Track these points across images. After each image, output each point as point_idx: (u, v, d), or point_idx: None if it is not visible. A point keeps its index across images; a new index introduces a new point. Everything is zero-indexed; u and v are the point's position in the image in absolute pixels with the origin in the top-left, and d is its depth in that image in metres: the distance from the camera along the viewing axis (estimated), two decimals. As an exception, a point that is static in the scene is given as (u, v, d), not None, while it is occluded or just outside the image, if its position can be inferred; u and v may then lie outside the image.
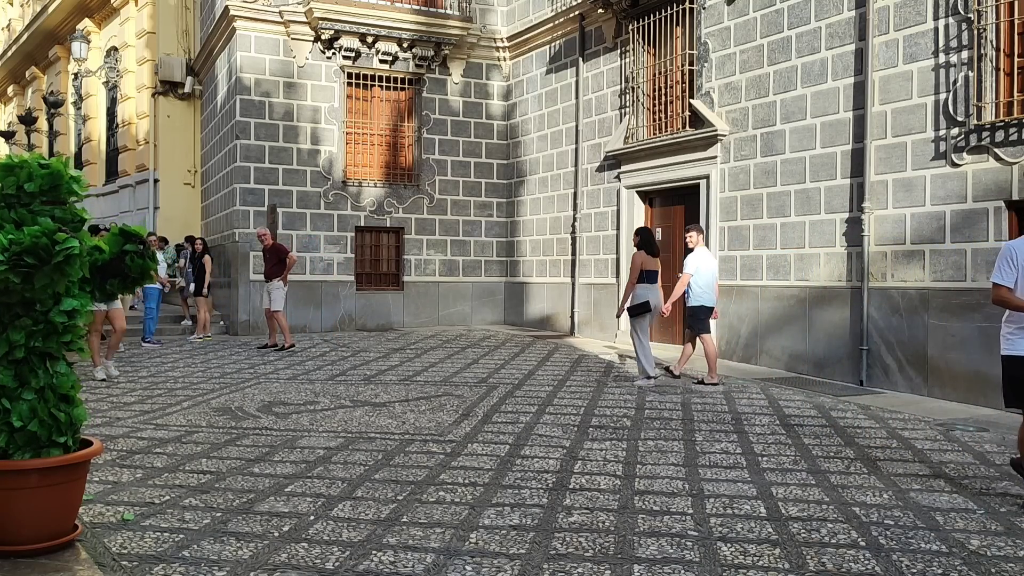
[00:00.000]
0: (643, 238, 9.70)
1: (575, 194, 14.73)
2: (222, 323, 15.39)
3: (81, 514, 4.41)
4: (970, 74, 8.52)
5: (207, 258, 14.12)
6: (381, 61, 15.58)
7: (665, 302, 9.60)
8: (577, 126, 14.63)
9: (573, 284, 14.80)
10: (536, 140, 15.91)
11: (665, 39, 12.77)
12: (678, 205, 12.84)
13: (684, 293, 9.71)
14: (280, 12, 14.78)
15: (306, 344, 13.29)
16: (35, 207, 3.89)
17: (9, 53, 27.12)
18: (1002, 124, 8.27)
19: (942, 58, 8.83)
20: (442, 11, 15.87)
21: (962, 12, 8.60)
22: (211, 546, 4.17)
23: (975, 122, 8.47)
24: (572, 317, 14.79)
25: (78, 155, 23.65)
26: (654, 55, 13.09)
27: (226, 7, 14.64)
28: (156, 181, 19.11)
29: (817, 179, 10.21)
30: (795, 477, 5.63)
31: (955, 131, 8.68)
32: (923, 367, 8.99)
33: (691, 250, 9.86)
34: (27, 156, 4.05)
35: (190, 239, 15.60)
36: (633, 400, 8.49)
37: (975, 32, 8.45)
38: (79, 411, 4.10)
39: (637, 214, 13.47)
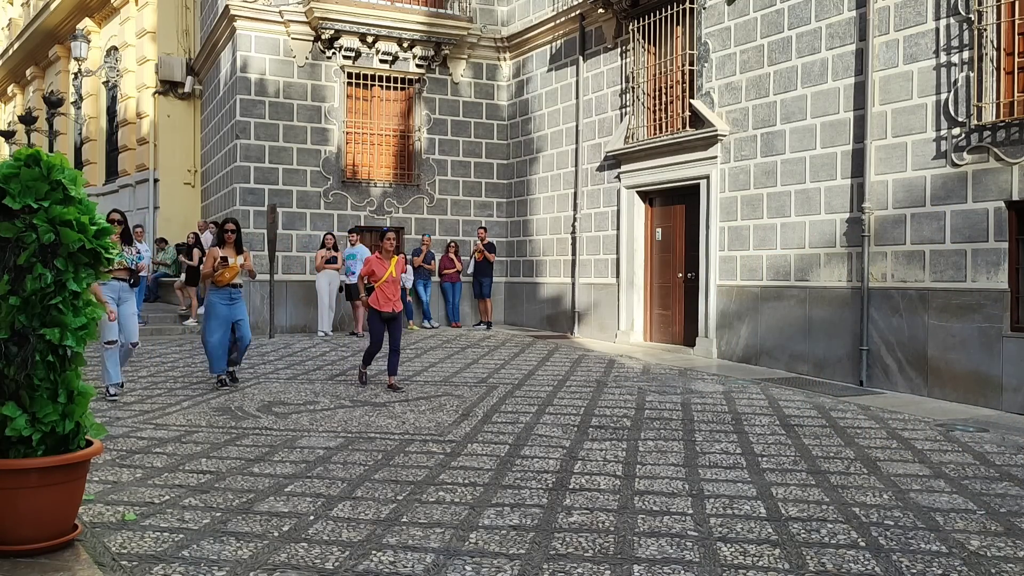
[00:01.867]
0: None
1: (575, 194, 14.73)
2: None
3: (81, 514, 4.42)
4: (970, 74, 8.52)
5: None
6: (381, 61, 15.58)
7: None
8: (577, 126, 14.63)
9: (573, 284, 14.80)
10: (536, 140, 15.91)
11: (665, 39, 12.77)
12: (678, 205, 12.85)
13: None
14: (280, 12, 14.78)
15: (306, 344, 13.29)
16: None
17: (10, 52, 27.13)
18: (1003, 124, 8.27)
19: (942, 58, 8.83)
20: (443, 11, 15.88)
21: (962, 12, 8.60)
22: (211, 546, 4.17)
23: (975, 122, 8.47)
24: (572, 317, 14.79)
25: (78, 155, 23.65)
26: (654, 55, 13.09)
27: (226, 7, 14.64)
28: (156, 181, 19.12)
29: (817, 179, 10.21)
30: (795, 477, 5.63)
31: (955, 131, 8.69)
32: (923, 367, 8.99)
33: None
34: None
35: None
36: (633, 400, 8.49)
37: (975, 32, 8.45)
38: (89, 416, 4.18)
39: (637, 214, 13.48)
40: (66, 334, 3.97)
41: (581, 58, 14.58)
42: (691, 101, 12.08)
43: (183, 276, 15.39)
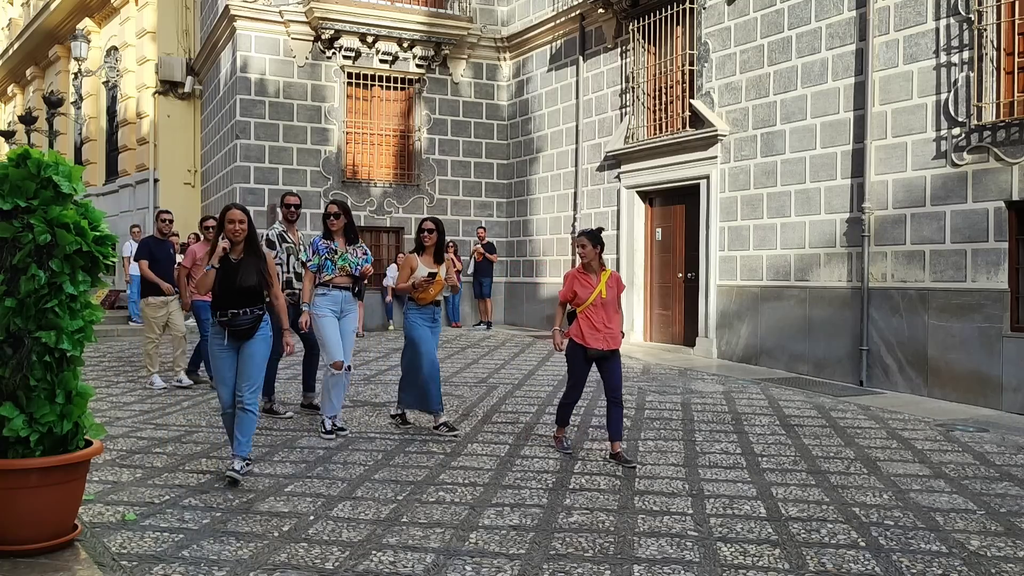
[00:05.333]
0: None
1: (575, 194, 14.73)
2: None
3: (81, 514, 4.41)
4: (970, 74, 8.52)
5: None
6: (381, 61, 15.58)
7: None
8: (577, 126, 14.63)
9: (573, 284, 14.77)
10: (536, 140, 15.90)
11: (665, 39, 12.77)
12: (678, 205, 12.84)
13: None
14: (280, 12, 14.78)
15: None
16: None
17: (10, 52, 27.12)
18: (1003, 124, 8.27)
19: (942, 58, 8.82)
20: (443, 11, 15.88)
21: (962, 12, 8.60)
22: (211, 546, 4.17)
23: (975, 122, 8.47)
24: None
25: (78, 154, 23.63)
26: (654, 55, 13.09)
27: (226, 7, 14.64)
28: (156, 181, 19.11)
29: (817, 179, 10.21)
30: (795, 477, 5.63)
31: (955, 131, 8.68)
32: (923, 367, 8.99)
33: None
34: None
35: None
36: (633, 400, 8.49)
37: (975, 32, 8.45)
38: (88, 416, 4.17)
39: (637, 214, 13.48)
40: (62, 337, 3.96)
41: (581, 58, 14.58)
42: (691, 101, 12.08)
43: None
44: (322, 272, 6.73)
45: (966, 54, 8.58)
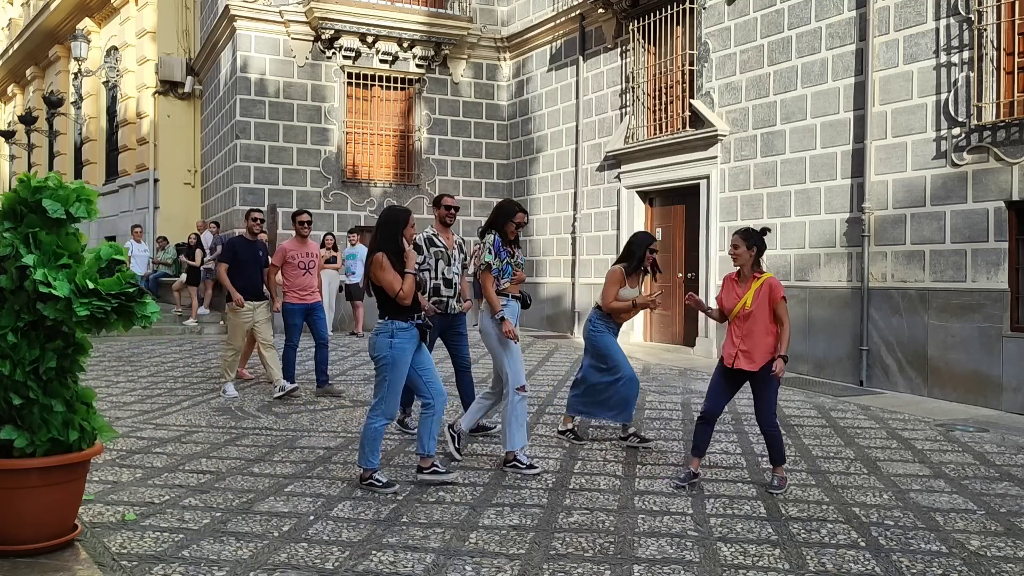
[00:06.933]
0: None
1: (575, 194, 14.73)
2: (222, 323, 15.37)
3: (81, 514, 4.42)
4: (970, 74, 8.52)
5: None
6: (381, 61, 15.59)
7: None
8: (577, 126, 14.63)
9: (573, 284, 14.79)
10: (536, 140, 15.90)
11: (665, 39, 12.77)
12: (678, 205, 12.85)
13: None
14: (280, 12, 14.79)
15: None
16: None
17: (10, 52, 27.13)
18: (1003, 124, 8.27)
19: (942, 58, 8.83)
20: (443, 11, 15.89)
21: (962, 12, 8.60)
22: (211, 546, 4.17)
23: (975, 122, 8.47)
24: (572, 317, 14.79)
25: (78, 154, 23.65)
26: (654, 55, 13.09)
27: (226, 7, 14.64)
28: (156, 181, 19.13)
29: (817, 179, 10.21)
30: (795, 477, 5.63)
31: (955, 131, 8.68)
32: (923, 367, 8.99)
33: None
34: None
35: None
36: (633, 400, 8.49)
37: (975, 32, 8.45)
38: (98, 418, 4.15)
39: (637, 214, 13.48)
40: (16, 370, 3.84)
41: (581, 58, 14.58)
42: (691, 101, 12.08)
43: (183, 276, 15.44)
44: (501, 279, 6.01)
45: (966, 54, 8.59)
